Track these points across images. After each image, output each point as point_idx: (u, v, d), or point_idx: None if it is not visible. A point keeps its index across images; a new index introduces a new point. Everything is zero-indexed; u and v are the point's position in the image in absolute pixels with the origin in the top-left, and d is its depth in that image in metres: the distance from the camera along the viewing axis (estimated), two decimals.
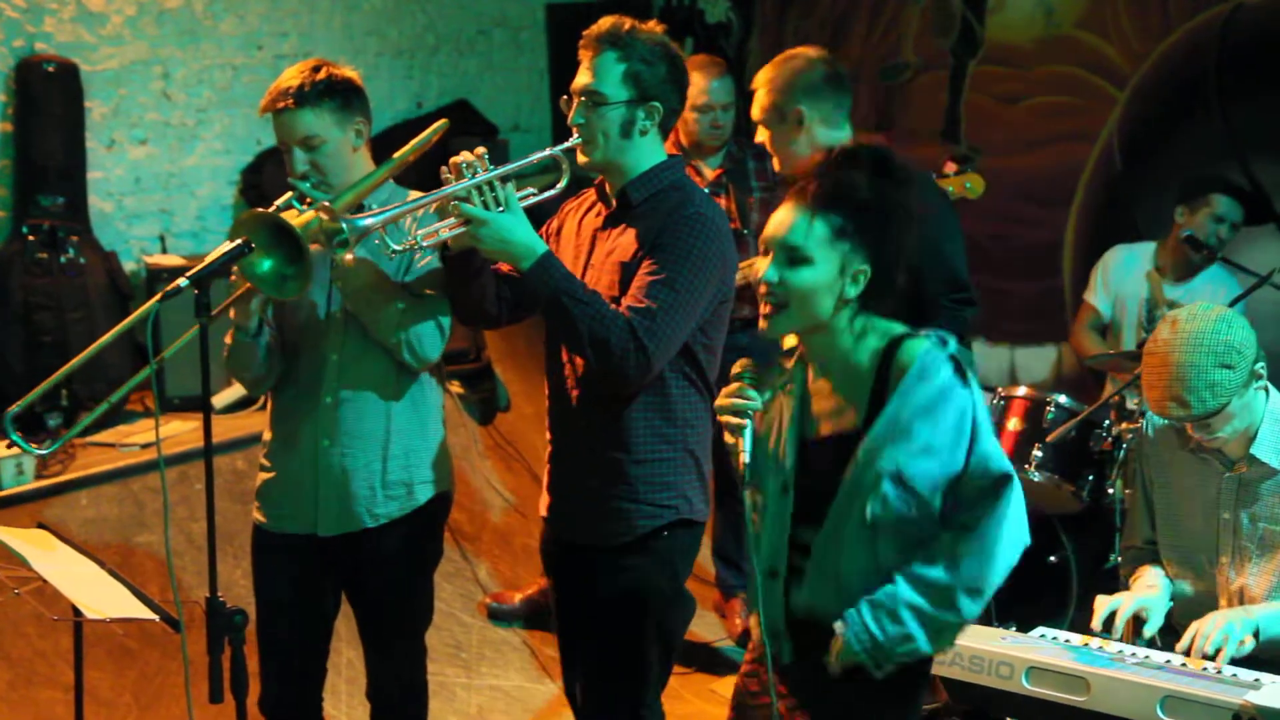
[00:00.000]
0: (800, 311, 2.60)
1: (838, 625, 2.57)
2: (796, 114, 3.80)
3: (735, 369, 2.70)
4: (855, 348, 2.63)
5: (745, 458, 2.62)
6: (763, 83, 3.86)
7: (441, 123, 3.30)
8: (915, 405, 2.53)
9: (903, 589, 2.55)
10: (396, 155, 3.25)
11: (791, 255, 2.59)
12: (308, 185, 3.15)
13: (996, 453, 2.59)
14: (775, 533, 2.67)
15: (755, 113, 3.87)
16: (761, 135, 3.89)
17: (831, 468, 2.60)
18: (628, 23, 3.09)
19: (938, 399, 2.53)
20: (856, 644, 2.55)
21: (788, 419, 2.68)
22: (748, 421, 2.63)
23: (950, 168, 4.69)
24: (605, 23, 3.09)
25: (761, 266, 2.63)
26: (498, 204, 2.97)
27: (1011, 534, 2.56)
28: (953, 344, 2.61)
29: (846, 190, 2.59)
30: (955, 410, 2.54)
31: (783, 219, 2.61)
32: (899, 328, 2.64)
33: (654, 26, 3.12)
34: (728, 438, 2.64)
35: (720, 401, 2.68)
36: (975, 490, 2.56)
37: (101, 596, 3.08)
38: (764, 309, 2.63)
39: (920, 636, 2.55)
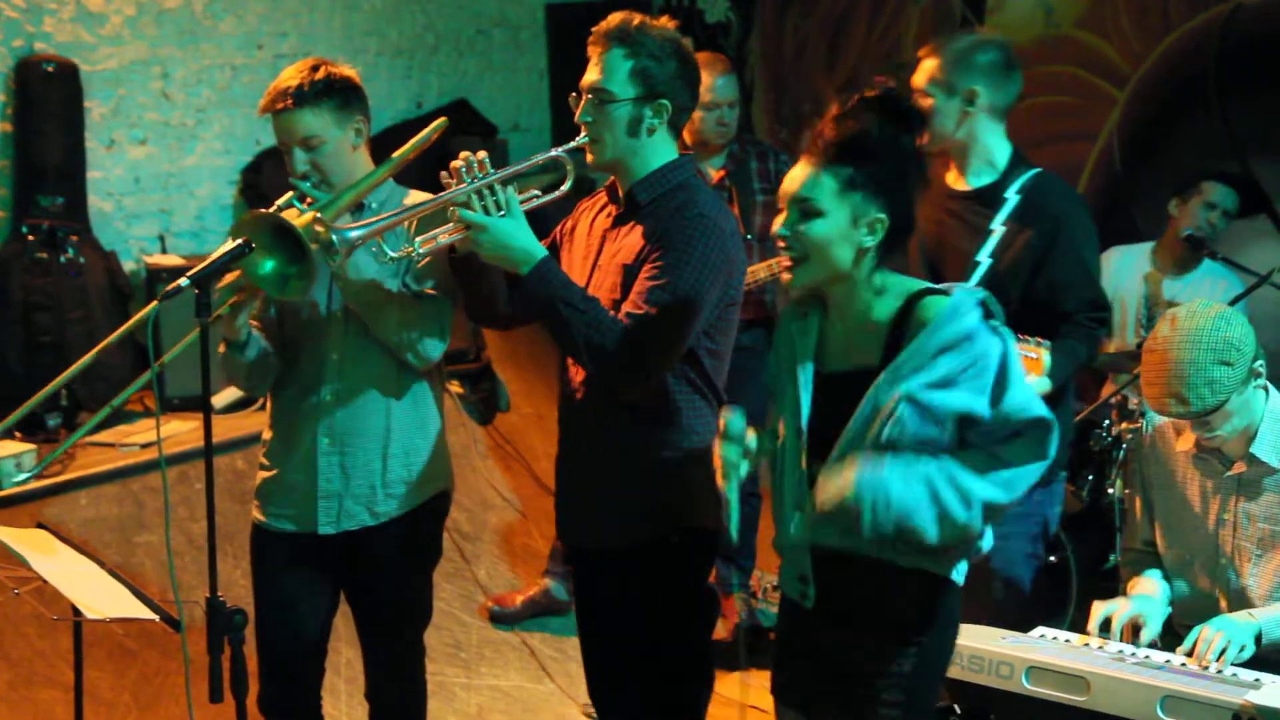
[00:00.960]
0: (819, 263, 2.63)
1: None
2: (969, 94, 3.72)
3: (724, 414, 2.70)
4: (874, 302, 2.66)
5: (732, 514, 2.66)
6: (936, 52, 3.76)
7: (441, 121, 3.29)
8: (941, 339, 2.55)
9: (931, 467, 2.55)
10: (396, 154, 3.24)
11: (804, 208, 2.62)
12: (308, 185, 3.15)
13: (1035, 399, 2.61)
14: (794, 476, 2.69)
15: (919, 79, 3.76)
16: (924, 101, 3.75)
17: (846, 404, 2.61)
18: (637, 19, 3.04)
19: (964, 338, 2.55)
20: (867, 487, 2.53)
21: (802, 362, 2.70)
22: (732, 478, 2.67)
23: None
24: (614, 19, 3.04)
25: (778, 222, 2.66)
26: (499, 208, 2.94)
27: (1037, 475, 2.61)
28: (987, 297, 2.63)
29: (855, 141, 2.61)
30: (980, 350, 2.56)
31: (796, 173, 2.65)
32: (917, 284, 2.67)
33: (665, 23, 3.07)
34: (719, 484, 2.67)
35: (714, 457, 2.69)
36: (1008, 429, 2.58)
37: (101, 596, 3.08)
38: (784, 262, 2.67)
39: (928, 512, 2.54)
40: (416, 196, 3.23)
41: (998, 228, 3.76)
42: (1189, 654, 3.19)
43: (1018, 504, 2.66)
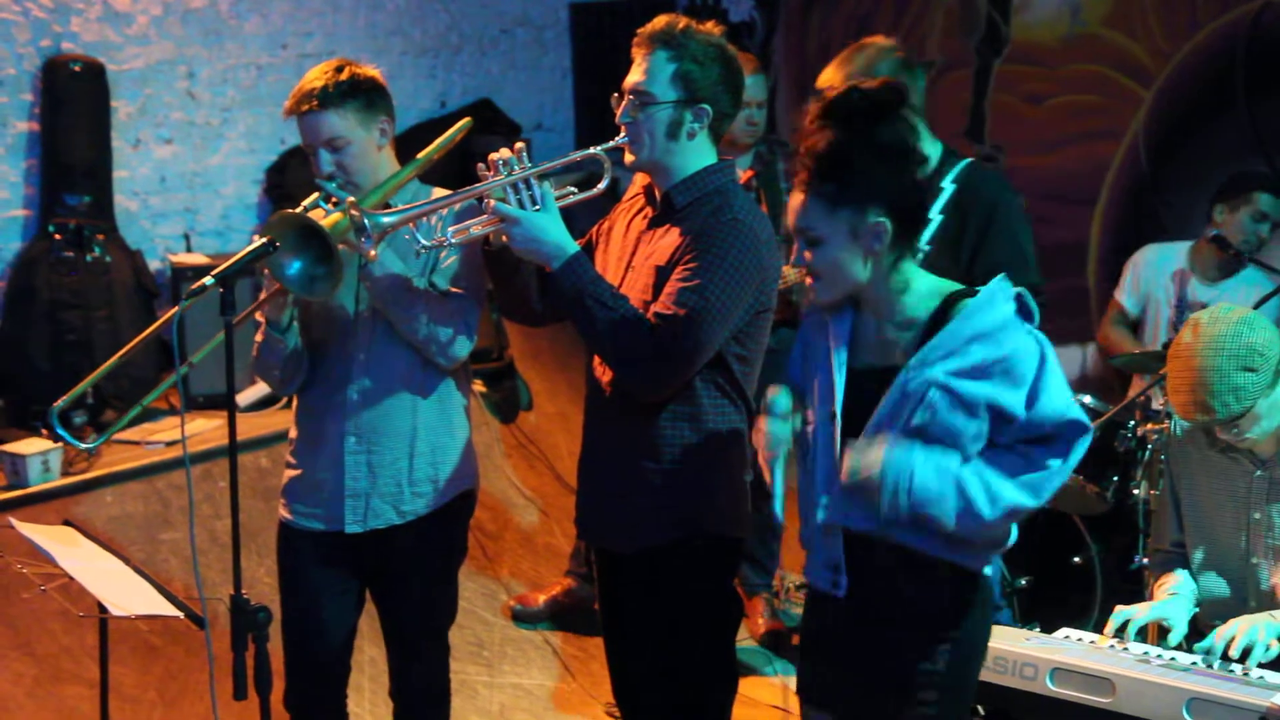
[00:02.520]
0: (833, 283, 2.62)
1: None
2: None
3: (769, 393, 2.69)
4: (907, 301, 2.62)
5: (776, 492, 2.64)
6: (843, 66, 3.84)
7: (465, 121, 3.31)
8: (973, 328, 2.53)
9: (964, 468, 2.53)
10: (422, 154, 3.25)
11: (805, 237, 2.60)
12: (334, 186, 3.15)
13: (1072, 403, 2.58)
14: (827, 460, 2.66)
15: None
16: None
17: (877, 398, 2.60)
18: (682, 22, 3.02)
19: (998, 328, 2.53)
20: (893, 466, 2.51)
21: (836, 348, 2.67)
22: (780, 453, 2.65)
23: None
24: (660, 21, 3.02)
25: (794, 254, 2.65)
26: (534, 202, 2.94)
27: (1063, 479, 2.59)
28: (1023, 292, 2.60)
29: (826, 156, 2.55)
30: (1015, 346, 2.53)
31: (791, 203, 2.62)
32: (950, 284, 2.64)
33: (711, 27, 3.05)
34: (762, 463, 2.66)
35: (755, 436, 2.68)
36: (1042, 432, 2.56)
37: (127, 593, 3.10)
38: (809, 279, 2.65)
39: (951, 504, 2.52)
40: (441, 194, 3.24)
41: (934, 216, 3.86)
42: (1209, 651, 3.17)
43: (1043, 506, 2.65)
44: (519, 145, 2.96)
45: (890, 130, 2.57)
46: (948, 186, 3.90)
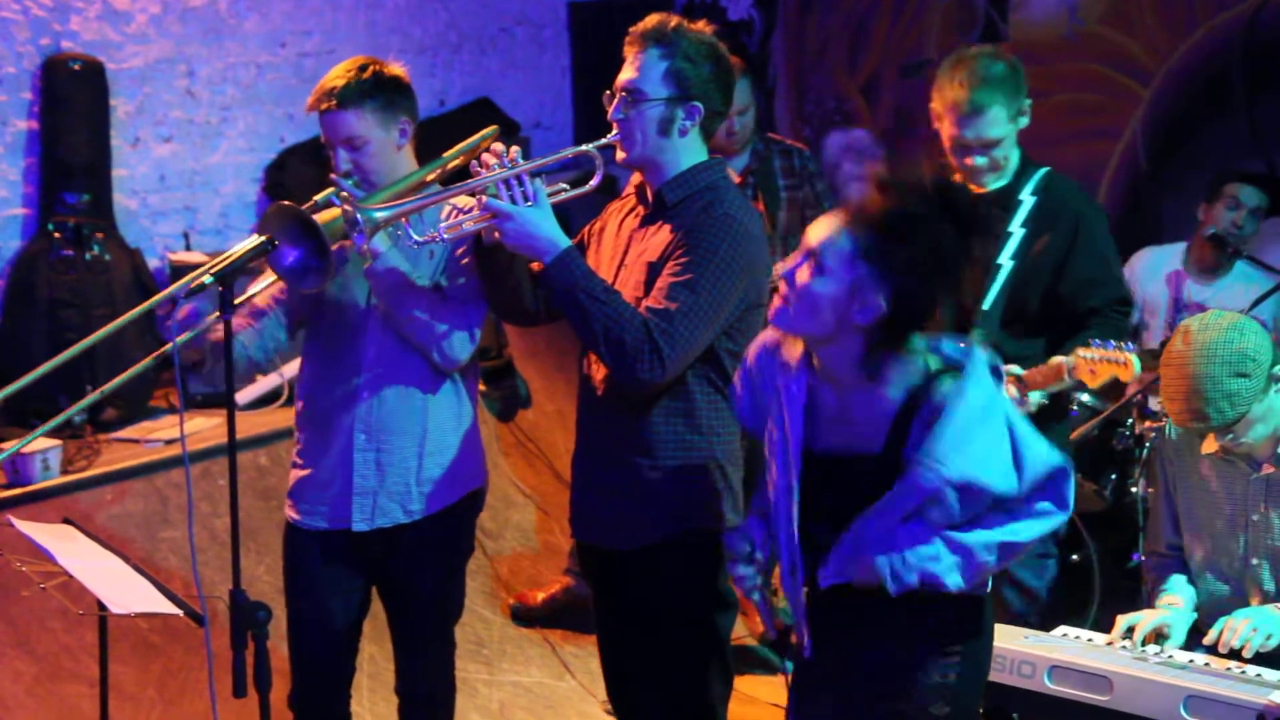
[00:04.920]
0: (799, 315, 2.56)
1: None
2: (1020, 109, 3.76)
3: (725, 543, 2.76)
4: (875, 374, 2.56)
5: (763, 611, 2.74)
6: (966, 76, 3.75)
7: (492, 129, 3.28)
8: (970, 412, 2.48)
9: (945, 534, 2.52)
10: (445, 155, 3.24)
11: (812, 259, 2.56)
12: (349, 184, 3.14)
13: (1048, 447, 2.56)
14: (789, 529, 2.66)
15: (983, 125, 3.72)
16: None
17: (846, 486, 2.58)
18: (674, 21, 3.04)
19: (987, 404, 2.49)
20: (881, 559, 2.51)
21: (790, 421, 2.63)
22: (757, 600, 2.72)
23: None
24: (652, 20, 3.04)
25: (788, 262, 2.61)
26: (526, 198, 2.95)
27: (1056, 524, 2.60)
28: (992, 357, 2.57)
29: (892, 216, 2.49)
30: (1000, 417, 2.51)
31: (821, 221, 2.58)
32: (935, 363, 2.56)
33: (703, 26, 3.07)
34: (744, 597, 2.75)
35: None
36: (1033, 489, 2.55)
37: (126, 591, 3.09)
38: (775, 301, 2.61)
39: (947, 560, 2.51)
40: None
41: (1016, 230, 3.76)
42: (1214, 644, 3.18)
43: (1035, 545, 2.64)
44: (514, 148, 2.97)
45: (960, 243, 2.50)
46: (1027, 199, 3.79)
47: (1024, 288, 3.82)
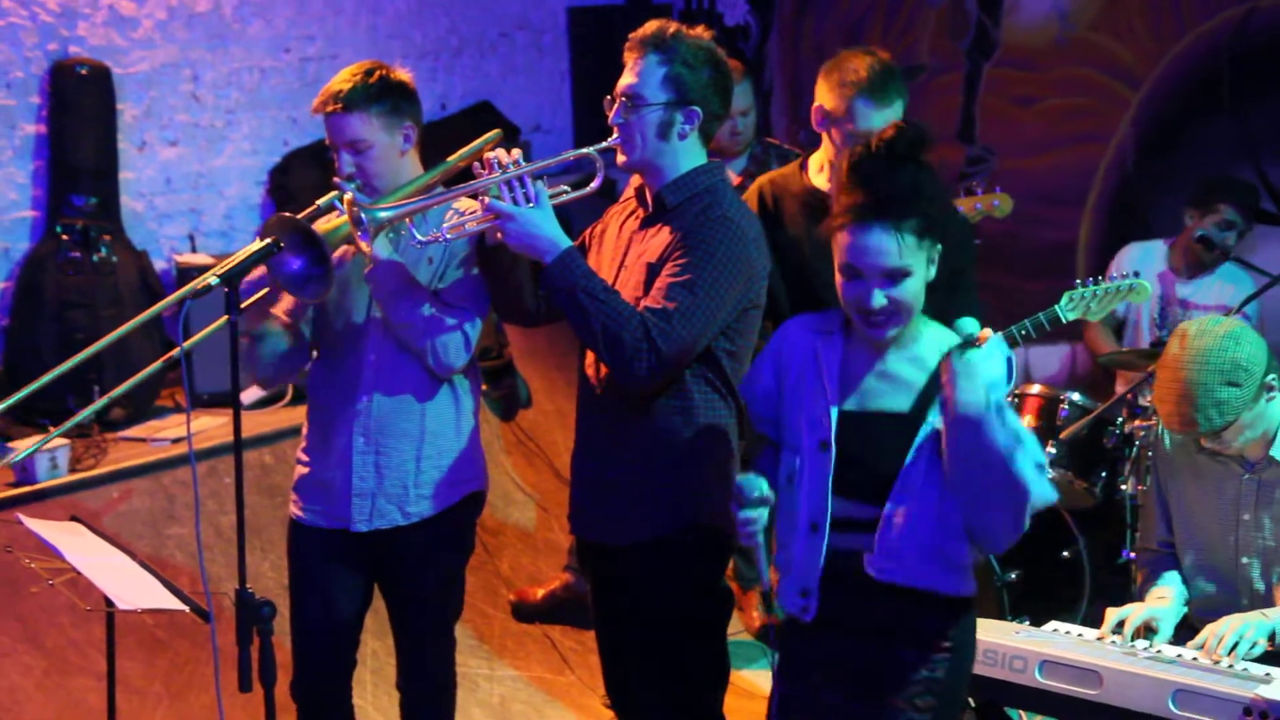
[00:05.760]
0: (910, 313, 2.67)
1: None
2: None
3: (741, 483, 2.72)
4: (922, 338, 2.72)
5: (761, 557, 2.71)
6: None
7: (495, 133, 3.30)
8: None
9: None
10: (449, 159, 3.26)
11: (893, 275, 2.62)
12: (352, 187, 3.13)
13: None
14: (814, 488, 2.71)
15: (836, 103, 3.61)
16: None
17: (878, 443, 2.67)
18: (673, 26, 3.08)
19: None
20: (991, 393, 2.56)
21: (828, 378, 2.73)
22: (759, 543, 2.70)
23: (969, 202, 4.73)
24: (651, 26, 3.08)
25: (862, 295, 2.65)
26: (528, 199, 2.99)
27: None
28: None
29: (910, 191, 2.62)
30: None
31: (873, 244, 2.61)
32: (944, 328, 2.72)
33: (701, 32, 3.10)
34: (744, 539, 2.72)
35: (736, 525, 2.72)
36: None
37: (133, 587, 3.11)
38: (875, 321, 2.66)
39: (1034, 451, 2.60)
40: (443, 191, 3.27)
41: None
42: (1200, 648, 3.19)
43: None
44: (515, 151, 3.01)
45: (931, 163, 2.68)
46: None
47: None
